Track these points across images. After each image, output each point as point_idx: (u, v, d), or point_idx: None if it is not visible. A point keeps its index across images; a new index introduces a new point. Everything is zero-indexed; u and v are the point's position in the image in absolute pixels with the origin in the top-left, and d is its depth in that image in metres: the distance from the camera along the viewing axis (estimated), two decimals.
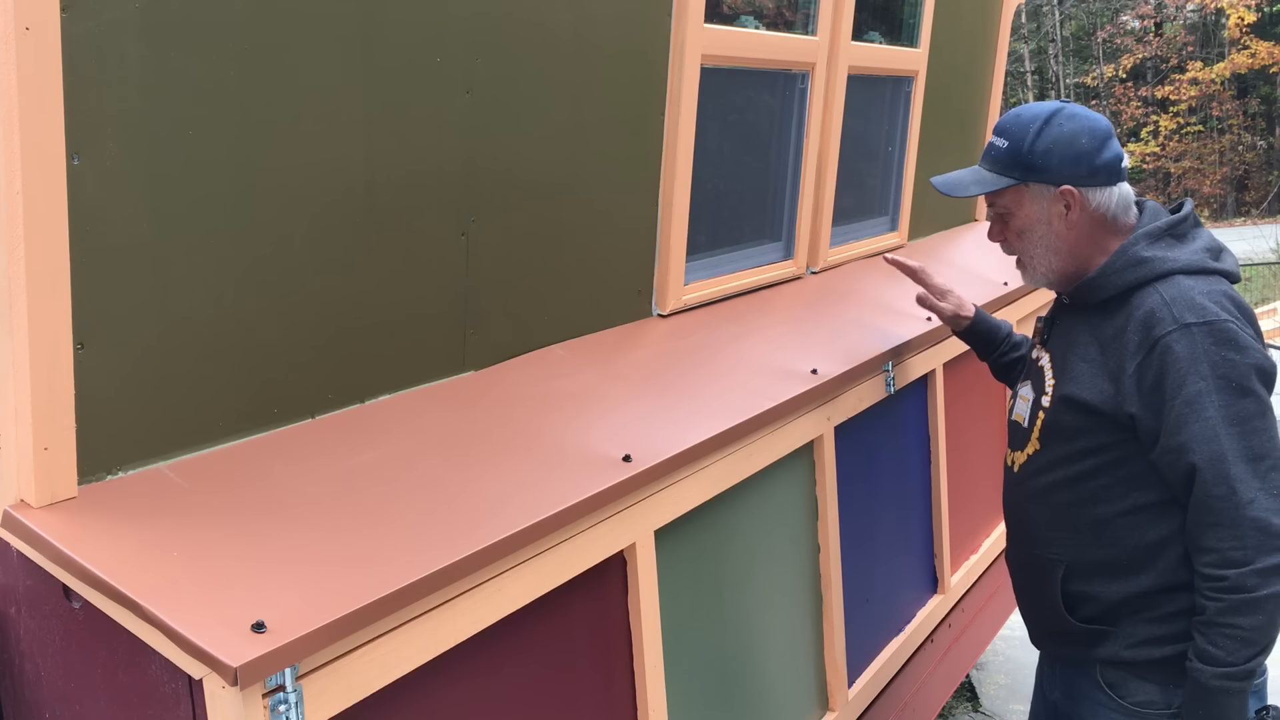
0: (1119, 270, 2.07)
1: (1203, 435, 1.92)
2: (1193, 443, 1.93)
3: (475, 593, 1.58)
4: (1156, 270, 2.03)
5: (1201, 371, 1.93)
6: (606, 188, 2.36)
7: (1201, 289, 1.99)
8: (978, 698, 4.50)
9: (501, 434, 1.90)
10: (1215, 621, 1.92)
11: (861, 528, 2.85)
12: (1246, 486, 1.89)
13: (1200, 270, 2.03)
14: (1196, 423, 1.92)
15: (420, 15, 1.82)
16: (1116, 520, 2.08)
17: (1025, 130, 2.12)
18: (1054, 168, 2.10)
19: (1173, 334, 1.95)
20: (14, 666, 1.55)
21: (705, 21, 2.50)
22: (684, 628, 2.15)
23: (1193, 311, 1.96)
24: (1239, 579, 1.89)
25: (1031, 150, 2.11)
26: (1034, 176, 2.12)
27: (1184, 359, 1.94)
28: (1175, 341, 1.95)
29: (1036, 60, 33.37)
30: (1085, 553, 2.13)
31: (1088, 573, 2.13)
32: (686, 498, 2.09)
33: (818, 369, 2.55)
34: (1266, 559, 1.88)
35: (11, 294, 1.36)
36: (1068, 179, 2.09)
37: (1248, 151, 31.63)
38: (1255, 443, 1.91)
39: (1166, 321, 1.97)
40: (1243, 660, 1.91)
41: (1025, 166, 2.12)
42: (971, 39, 4.22)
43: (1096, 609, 2.13)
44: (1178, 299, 1.98)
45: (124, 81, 1.43)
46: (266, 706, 1.28)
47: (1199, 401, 1.92)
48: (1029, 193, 2.14)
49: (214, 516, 1.48)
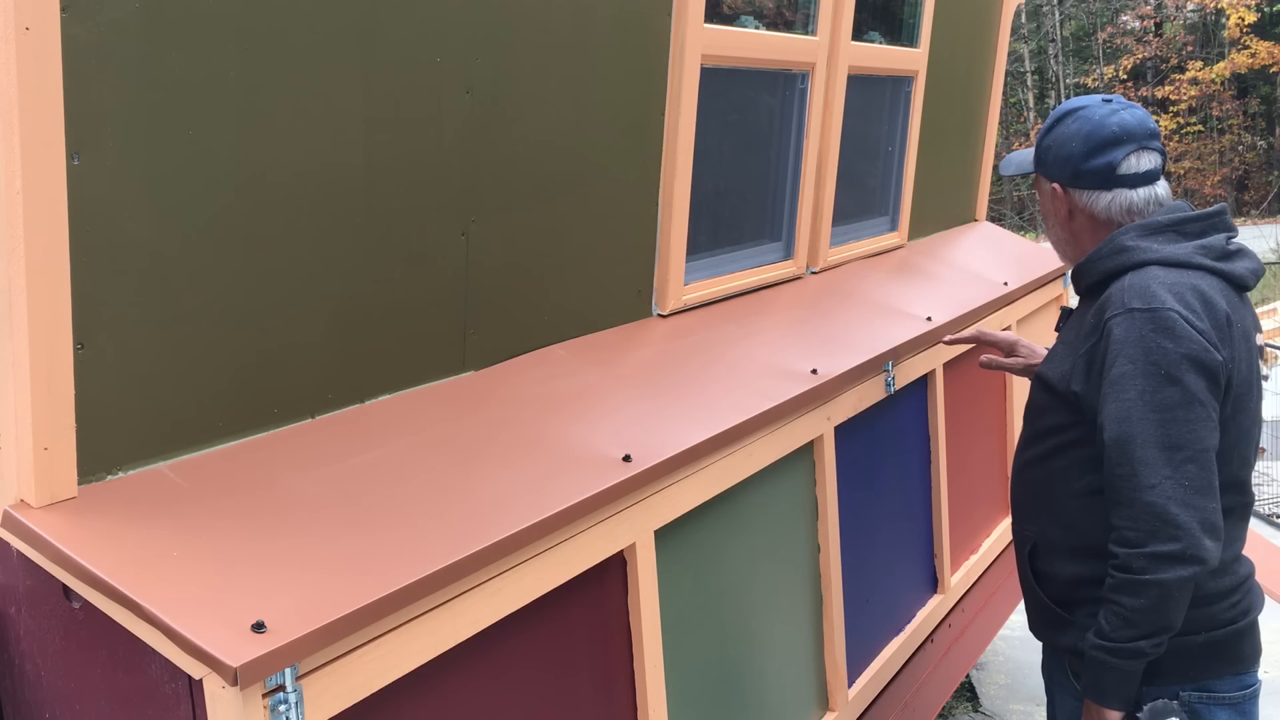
0: (1102, 258, 2.12)
1: (1118, 415, 1.96)
2: (1108, 421, 1.97)
3: (475, 593, 1.58)
4: (1134, 259, 2.07)
5: (1132, 355, 1.97)
6: (607, 188, 2.36)
7: (1168, 279, 2.02)
8: (978, 698, 4.50)
9: (501, 434, 1.90)
10: (1107, 596, 1.97)
11: (861, 528, 2.85)
12: (1152, 471, 1.91)
13: (1184, 264, 2.04)
14: (1115, 402, 1.97)
15: (420, 15, 1.82)
16: (1073, 502, 2.13)
17: (1047, 124, 2.25)
18: (1049, 164, 2.22)
19: (1117, 317, 2.01)
20: (14, 666, 1.55)
21: (705, 21, 2.50)
22: (684, 628, 2.14)
23: (1140, 298, 2.00)
24: (1127, 558, 1.93)
25: (1040, 144, 2.25)
26: (1041, 170, 2.25)
27: (1119, 341, 1.99)
28: (1117, 325, 2.00)
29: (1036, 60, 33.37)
30: (1048, 531, 2.20)
31: (1050, 551, 2.20)
32: (686, 498, 2.09)
33: (818, 369, 2.55)
34: (1158, 545, 1.90)
35: (11, 294, 1.36)
36: (1057, 178, 2.20)
37: (1248, 151, 31.62)
38: (1174, 431, 1.92)
39: (1115, 305, 2.02)
40: (1124, 639, 1.94)
41: (1037, 158, 2.26)
42: (971, 39, 4.22)
43: (1056, 589, 2.19)
44: (1134, 285, 2.02)
45: (124, 81, 1.43)
46: (266, 706, 1.28)
47: (1122, 382, 1.97)
48: (1042, 183, 2.26)
49: (214, 516, 1.48)
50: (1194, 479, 1.91)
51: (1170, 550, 1.89)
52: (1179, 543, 1.89)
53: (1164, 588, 1.90)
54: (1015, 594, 4.05)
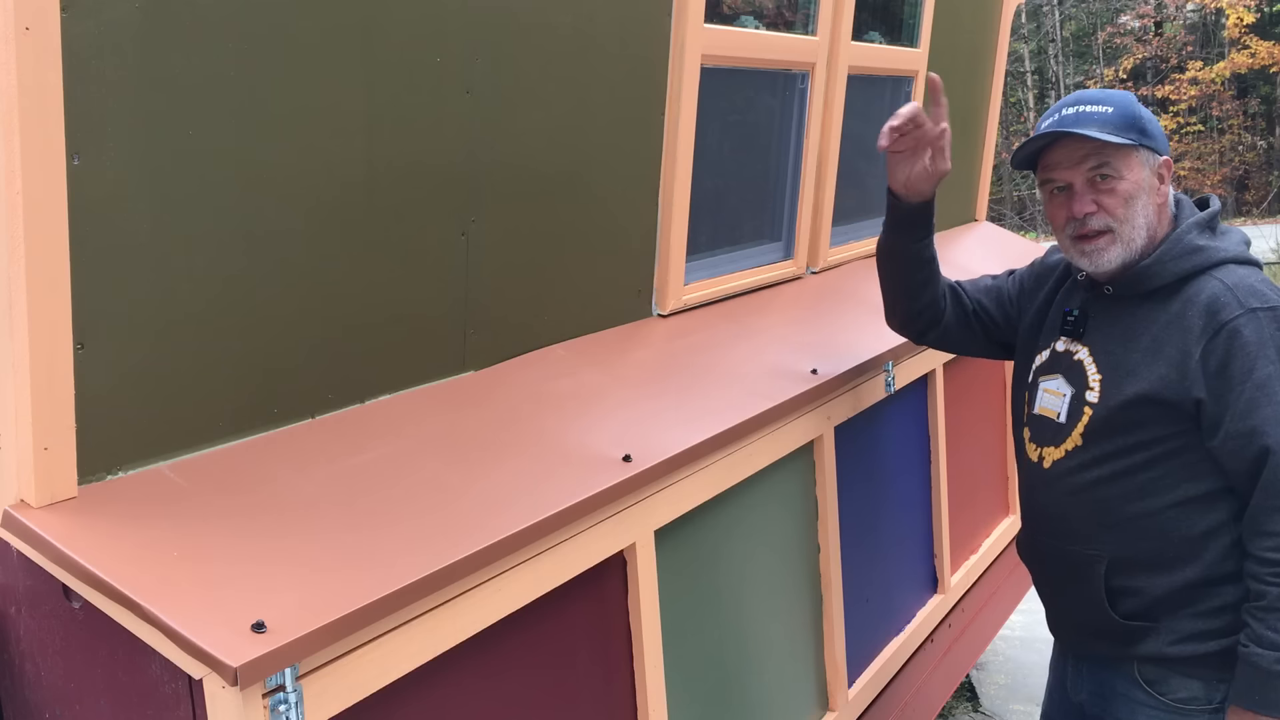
0: (1175, 258, 2.07)
1: (1276, 418, 1.92)
2: (1266, 425, 1.92)
3: (475, 593, 1.58)
4: (1212, 258, 2.05)
5: (1270, 355, 1.94)
6: (607, 187, 2.36)
7: (1256, 277, 2.03)
8: (978, 698, 4.50)
9: (501, 434, 1.90)
10: (1276, 606, 1.91)
11: (861, 528, 2.85)
12: None
13: (1247, 260, 2.07)
14: (1269, 405, 1.93)
15: (420, 15, 1.82)
16: (1165, 512, 2.06)
17: (1127, 99, 2.12)
18: (1158, 137, 2.10)
19: (1240, 318, 1.97)
20: (14, 666, 1.55)
21: (705, 21, 2.50)
22: (684, 628, 2.14)
23: (1256, 297, 1.98)
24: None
25: (1140, 116, 2.09)
26: (1148, 141, 2.09)
27: (1253, 343, 1.95)
28: (1243, 326, 1.96)
29: (1036, 60, 33.37)
30: (1129, 547, 2.10)
31: (1131, 567, 2.10)
32: (686, 498, 2.08)
33: (818, 369, 2.55)
34: None
35: (11, 294, 1.36)
36: (1165, 151, 2.10)
37: (1248, 151, 31.60)
38: None
39: (1232, 306, 1.98)
40: None
41: (1140, 130, 2.08)
42: (971, 39, 4.22)
43: (1139, 604, 2.10)
44: (1239, 285, 2.00)
45: (124, 81, 1.43)
46: (266, 706, 1.28)
47: (1270, 385, 1.93)
48: (1139, 157, 2.09)
49: (214, 516, 1.48)
50: None
51: None
52: None
53: None
54: (1015, 594, 4.05)
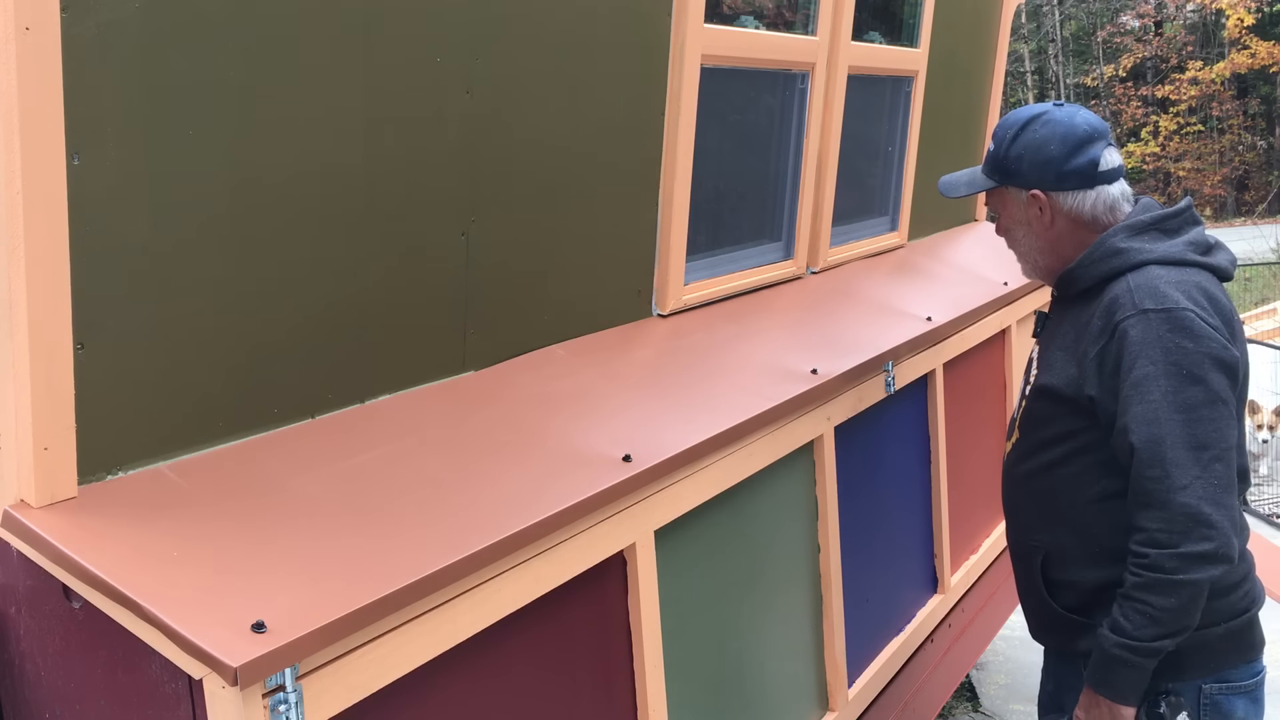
0: (1095, 261, 2.11)
1: (1144, 417, 1.95)
2: (1134, 423, 1.96)
3: (475, 593, 1.58)
4: (1130, 261, 2.06)
5: (1152, 355, 1.96)
6: (607, 187, 2.36)
7: (1171, 278, 2.02)
8: (978, 698, 4.50)
9: (501, 434, 1.90)
10: (1131, 595, 1.96)
11: (861, 528, 2.85)
12: (1182, 472, 1.91)
13: (1178, 262, 2.05)
14: (1140, 404, 1.96)
15: (420, 15, 1.82)
16: (1088, 508, 2.12)
17: (1004, 135, 2.20)
18: (1024, 172, 2.17)
19: (1130, 319, 1.99)
20: (14, 666, 1.55)
21: (705, 21, 2.50)
22: (684, 628, 2.14)
23: (1152, 298, 1.99)
24: (1159, 559, 1.92)
25: (1006, 155, 2.19)
26: (1009, 180, 2.20)
27: (1137, 343, 1.97)
28: (1131, 326, 1.99)
29: (1036, 60, 33.38)
30: (1061, 539, 2.18)
31: (1064, 560, 2.18)
32: (686, 498, 2.09)
33: (818, 369, 2.55)
34: (1192, 545, 1.90)
35: (11, 294, 1.36)
36: (1036, 184, 2.16)
37: (1248, 151, 31.61)
38: (1199, 431, 1.93)
39: (1126, 307, 2.01)
40: (1148, 638, 1.95)
41: (1002, 170, 2.21)
42: (971, 39, 4.22)
43: (1075, 597, 2.18)
44: (1141, 286, 2.02)
45: (124, 81, 1.43)
46: (266, 706, 1.28)
47: (1145, 384, 1.95)
48: (1008, 195, 2.22)
49: (214, 516, 1.48)
50: (1221, 478, 1.92)
51: (1204, 550, 1.90)
52: (1212, 543, 1.90)
53: (1196, 587, 1.91)
54: (1015, 594, 4.05)
